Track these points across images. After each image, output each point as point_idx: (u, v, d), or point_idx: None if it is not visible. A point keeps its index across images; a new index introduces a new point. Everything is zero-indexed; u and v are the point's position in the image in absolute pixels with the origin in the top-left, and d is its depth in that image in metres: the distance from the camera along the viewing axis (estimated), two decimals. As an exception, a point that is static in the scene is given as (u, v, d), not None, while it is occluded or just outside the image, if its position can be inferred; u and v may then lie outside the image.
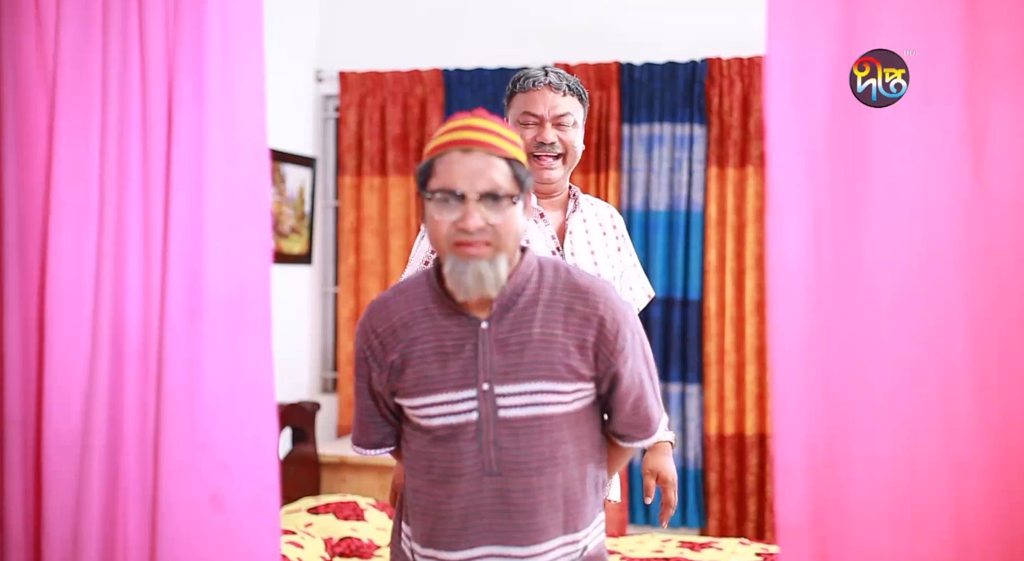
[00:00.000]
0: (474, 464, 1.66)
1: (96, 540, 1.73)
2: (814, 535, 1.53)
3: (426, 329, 1.69)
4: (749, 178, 4.11)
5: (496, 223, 1.61)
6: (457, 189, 1.60)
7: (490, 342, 1.66)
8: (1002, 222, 1.49)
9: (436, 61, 4.40)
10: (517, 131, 2.13)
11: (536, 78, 2.13)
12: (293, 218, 4.37)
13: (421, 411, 1.68)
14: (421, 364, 1.68)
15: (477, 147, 1.61)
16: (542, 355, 1.66)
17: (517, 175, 1.64)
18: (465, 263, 1.61)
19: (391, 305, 1.73)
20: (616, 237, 2.26)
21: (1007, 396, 1.49)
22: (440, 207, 1.61)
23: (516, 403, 1.66)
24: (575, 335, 1.67)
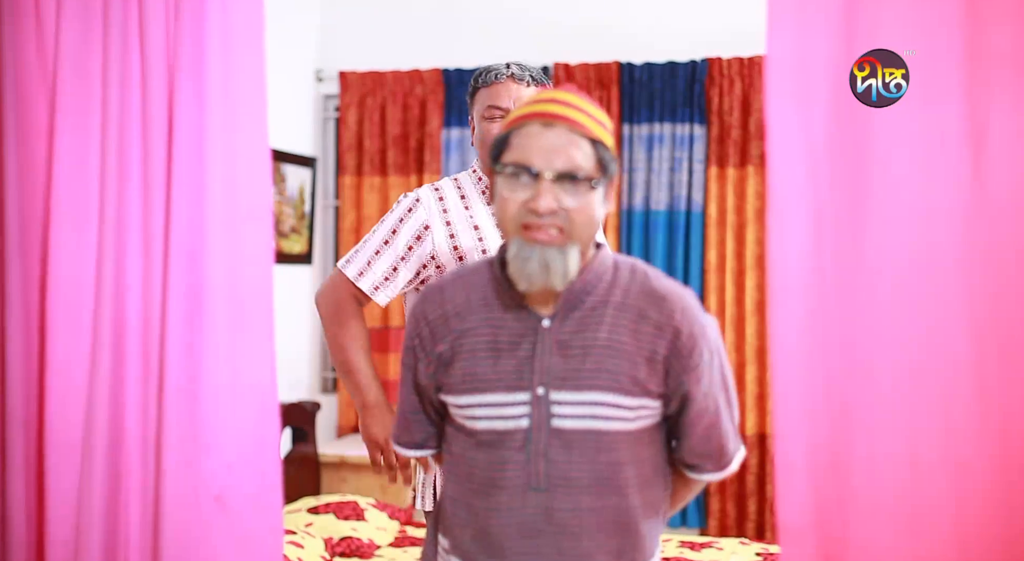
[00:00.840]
0: (519, 476, 1.50)
1: (98, 540, 1.73)
2: (815, 535, 1.53)
3: (481, 320, 1.53)
4: (749, 178, 4.11)
5: (571, 207, 1.44)
6: (532, 165, 1.43)
7: (550, 342, 1.50)
8: (1002, 221, 1.49)
9: (436, 61, 4.40)
10: (483, 127, 2.10)
11: (498, 71, 2.09)
12: (293, 218, 4.37)
13: (467, 411, 1.53)
14: (471, 358, 1.52)
15: (560, 122, 1.45)
16: (606, 363, 1.49)
17: (601, 159, 1.46)
18: (532, 248, 1.44)
19: (447, 291, 1.57)
20: None
21: (1007, 395, 1.49)
22: (511, 183, 1.45)
23: (572, 413, 1.49)
24: (646, 345, 1.49)
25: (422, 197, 2.11)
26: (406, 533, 3.64)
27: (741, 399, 4.13)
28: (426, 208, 2.10)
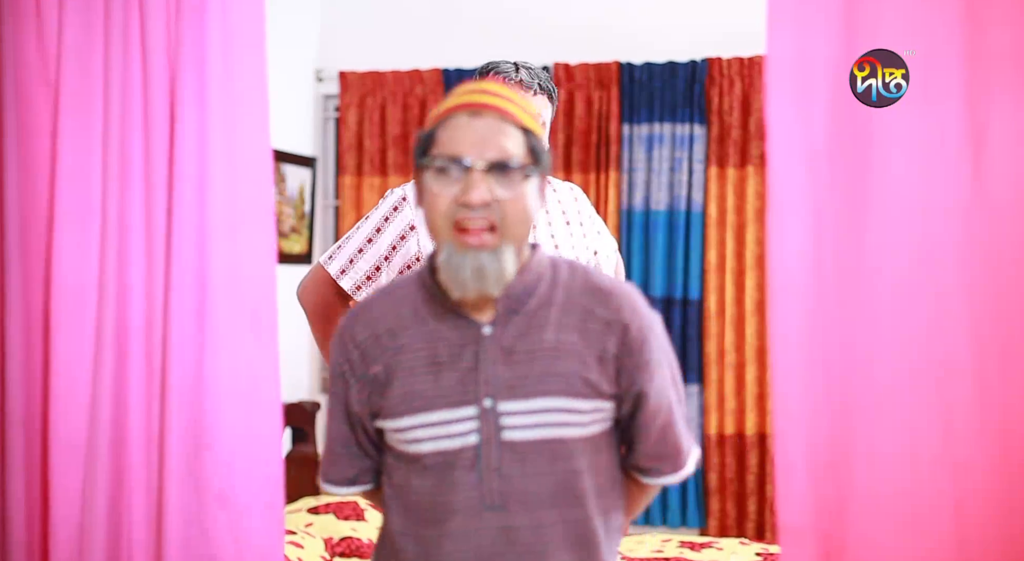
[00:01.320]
0: (472, 497, 1.40)
1: (102, 539, 1.73)
2: (815, 534, 1.53)
3: (417, 335, 1.44)
4: (749, 178, 4.11)
5: (505, 199, 1.36)
6: (462, 156, 1.36)
7: (494, 350, 1.41)
8: (1002, 221, 1.49)
9: (436, 61, 4.40)
10: None
11: (507, 74, 2.02)
12: (293, 218, 4.37)
13: (408, 434, 1.42)
14: (410, 377, 1.42)
15: (488, 111, 1.38)
16: (555, 366, 1.41)
17: (532, 148, 1.40)
18: (463, 254, 1.36)
19: (376, 308, 1.48)
20: (580, 222, 2.18)
21: (1007, 395, 1.49)
22: (439, 179, 1.37)
23: (524, 423, 1.40)
24: (595, 344, 1.42)
25: (408, 195, 2.07)
26: (406, 533, 3.64)
27: (741, 399, 4.13)
28: (412, 207, 2.06)
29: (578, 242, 2.15)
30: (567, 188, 2.22)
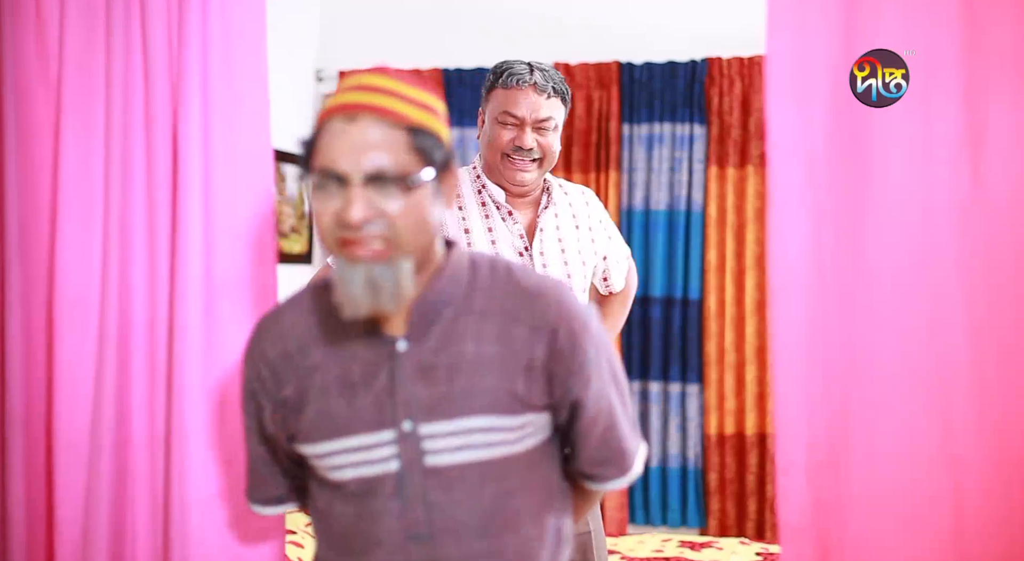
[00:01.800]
0: (396, 527, 1.29)
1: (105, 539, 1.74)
2: (815, 533, 1.54)
3: (328, 353, 1.31)
4: (749, 178, 4.11)
5: (392, 213, 1.21)
6: (337, 170, 1.21)
7: (410, 367, 1.29)
8: (1000, 221, 1.49)
9: (436, 61, 4.40)
10: (493, 130, 2.03)
11: (521, 76, 2.01)
12: (293, 218, 4.37)
13: (327, 460, 1.32)
14: (323, 399, 1.31)
15: (363, 113, 1.23)
16: (478, 381, 1.28)
17: (422, 148, 1.24)
18: (353, 267, 1.22)
19: (285, 322, 1.36)
20: (589, 227, 2.16)
21: (1005, 394, 1.49)
22: (319, 194, 1.23)
23: (448, 446, 1.29)
24: (521, 352, 1.29)
25: None
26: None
27: (741, 399, 4.13)
28: None
29: (585, 246, 2.13)
30: (579, 192, 2.20)
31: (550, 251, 2.06)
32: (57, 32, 1.79)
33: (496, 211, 2.05)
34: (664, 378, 4.17)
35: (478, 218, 2.05)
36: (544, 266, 2.03)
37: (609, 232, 2.22)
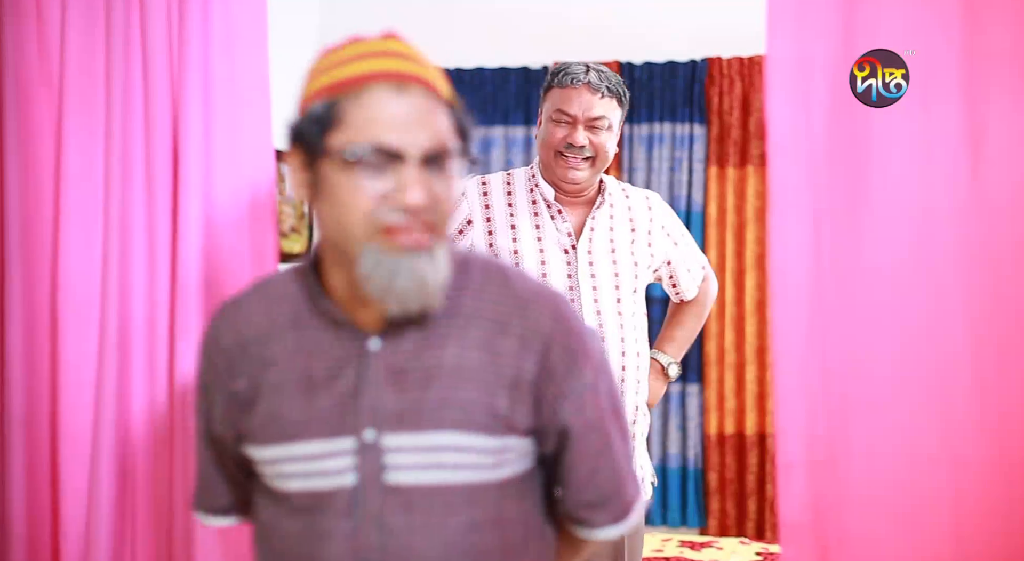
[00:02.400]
0: (344, 550, 1.12)
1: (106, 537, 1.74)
2: (816, 532, 1.54)
3: (290, 345, 1.16)
4: (749, 178, 4.11)
5: (441, 197, 1.10)
6: (394, 146, 1.07)
7: (380, 370, 1.13)
8: (1000, 220, 1.50)
9: (436, 60, 4.38)
10: (548, 128, 2.04)
11: (575, 75, 2.03)
12: (293, 217, 4.38)
13: (275, 467, 1.16)
14: (278, 396, 1.15)
15: (413, 83, 1.10)
16: (456, 393, 1.13)
17: (460, 127, 1.14)
18: (398, 259, 1.07)
19: (245, 308, 1.21)
20: (649, 230, 2.14)
21: (1004, 392, 1.50)
22: (359, 172, 1.07)
23: (414, 462, 1.12)
24: (507, 365, 1.14)
25: (467, 190, 2.07)
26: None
27: (741, 399, 4.13)
28: (469, 202, 2.06)
29: (641, 249, 2.12)
30: (643, 196, 2.19)
31: (598, 250, 2.06)
32: (58, 32, 1.79)
33: (546, 209, 2.06)
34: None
35: (527, 215, 2.06)
36: (590, 264, 2.04)
37: (675, 238, 2.20)
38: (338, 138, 1.08)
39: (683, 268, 2.21)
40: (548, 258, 2.02)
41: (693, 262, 2.24)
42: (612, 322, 2.02)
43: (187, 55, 1.71)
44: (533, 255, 2.02)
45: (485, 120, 4.33)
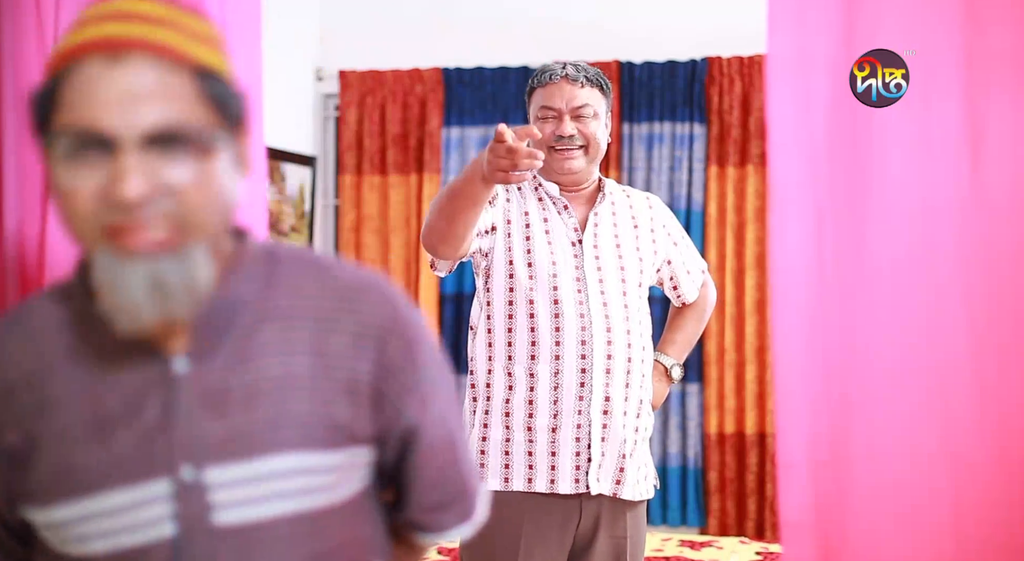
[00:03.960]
0: None
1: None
2: (816, 531, 1.54)
3: (71, 383, 0.96)
4: (749, 177, 4.11)
5: (180, 185, 0.89)
6: (100, 128, 0.87)
7: (192, 394, 0.95)
8: (1001, 220, 1.49)
9: (436, 60, 4.40)
10: (537, 126, 2.04)
11: (553, 71, 2.09)
12: (293, 217, 4.38)
13: (68, 530, 0.96)
14: (63, 446, 0.95)
15: (133, 50, 0.88)
16: (287, 407, 0.97)
17: (215, 97, 0.92)
18: (129, 265, 0.89)
19: (6, 347, 0.99)
20: (651, 229, 2.17)
21: (1005, 391, 1.50)
22: (71, 164, 0.89)
23: (245, 497, 0.96)
24: (342, 367, 0.99)
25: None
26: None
27: (741, 398, 4.13)
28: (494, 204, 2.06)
29: (645, 245, 2.14)
30: (643, 196, 2.23)
31: (604, 244, 2.09)
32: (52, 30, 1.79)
33: (552, 205, 2.10)
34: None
35: (536, 211, 2.09)
36: (596, 257, 2.06)
37: (675, 238, 2.23)
38: (53, 122, 0.90)
39: (683, 269, 2.23)
40: (556, 251, 2.05)
41: (693, 265, 2.25)
42: (618, 315, 2.03)
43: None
44: (543, 249, 2.04)
45: (485, 119, 4.33)
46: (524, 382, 2.00)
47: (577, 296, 2.01)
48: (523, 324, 2.01)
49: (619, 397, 2.01)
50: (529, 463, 2.00)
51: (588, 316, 2.00)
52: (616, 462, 2.02)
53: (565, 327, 1.99)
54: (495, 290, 2.03)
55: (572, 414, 1.99)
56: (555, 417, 1.99)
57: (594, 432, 1.99)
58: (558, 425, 1.99)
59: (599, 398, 1.99)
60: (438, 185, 4.37)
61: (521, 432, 2.00)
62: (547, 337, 1.99)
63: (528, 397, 2.00)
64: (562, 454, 1.99)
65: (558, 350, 1.99)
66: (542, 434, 1.99)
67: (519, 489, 2.00)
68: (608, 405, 2.00)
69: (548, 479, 1.99)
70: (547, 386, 1.99)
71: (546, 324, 1.99)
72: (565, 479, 1.99)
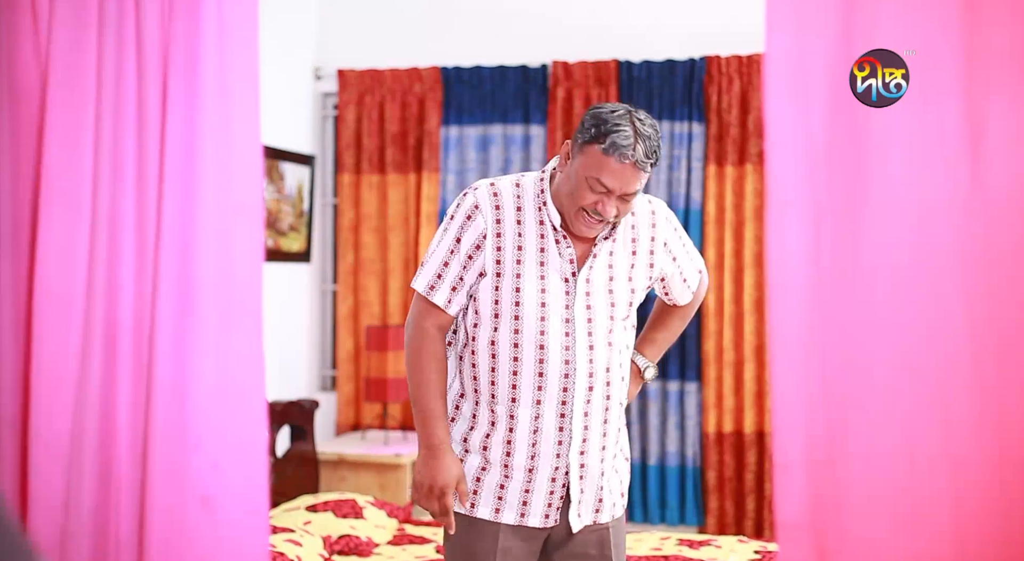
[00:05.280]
0: None
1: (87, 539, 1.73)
2: (813, 531, 1.54)
3: None
4: (748, 176, 4.11)
5: None
6: None
7: None
8: (999, 219, 1.49)
9: (435, 59, 4.39)
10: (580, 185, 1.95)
11: (624, 151, 1.90)
12: (292, 216, 4.37)
13: None
14: None
15: None
16: None
17: None
18: None
19: None
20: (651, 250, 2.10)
21: (1004, 391, 1.49)
22: None
23: None
24: None
25: (480, 202, 2.01)
26: (404, 531, 3.64)
27: (739, 397, 4.13)
28: (484, 216, 2.01)
29: (639, 273, 2.08)
30: (647, 211, 2.11)
31: (596, 280, 2.03)
32: (46, 28, 1.78)
33: (551, 232, 2.02)
34: (663, 376, 4.17)
35: (534, 236, 2.02)
36: (587, 294, 2.01)
37: (675, 253, 2.15)
38: None
39: (678, 280, 2.19)
40: (548, 286, 2.00)
41: (691, 272, 2.20)
42: (602, 353, 2.01)
43: (179, 52, 1.70)
44: (534, 281, 1.99)
45: (484, 118, 4.32)
46: (504, 422, 1.99)
47: (564, 340, 1.98)
48: (506, 367, 1.98)
49: (596, 437, 2.01)
50: (499, 495, 2.00)
51: (573, 362, 1.97)
52: (595, 495, 2.03)
53: (549, 373, 1.97)
54: (481, 328, 2.00)
55: (551, 457, 1.98)
56: (532, 459, 1.99)
57: (572, 473, 1.99)
58: (535, 467, 1.99)
59: (578, 441, 1.99)
60: (437, 184, 4.37)
61: (498, 467, 2.00)
62: (529, 381, 1.97)
63: (507, 437, 1.99)
64: (536, 492, 2.00)
65: (540, 395, 1.97)
66: (519, 472, 1.99)
67: (485, 518, 2.00)
68: (585, 446, 2.00)
69: (518, 513, 2.00)
70: (527, 429, 1.98)
71: (530, 369, 1.97)
72: (535, 515, 2.00)
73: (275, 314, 3.98)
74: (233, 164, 1.71)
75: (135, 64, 1.74)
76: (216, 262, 1.70)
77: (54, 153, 1.77)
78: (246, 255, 1.72)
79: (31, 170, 1.81)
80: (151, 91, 1.72)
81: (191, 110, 1.70)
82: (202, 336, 1.70)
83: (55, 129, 1.77)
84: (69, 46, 1.77)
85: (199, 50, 1.70)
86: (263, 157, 1.73)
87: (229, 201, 1.71)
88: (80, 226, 1.76)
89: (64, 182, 1.77)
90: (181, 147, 1.70)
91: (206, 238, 1.70)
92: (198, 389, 1.70)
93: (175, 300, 1.69)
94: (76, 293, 1.76)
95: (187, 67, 1.70)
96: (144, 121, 1.73)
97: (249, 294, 1.72)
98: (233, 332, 1.71)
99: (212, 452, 1.70)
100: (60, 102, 1.77)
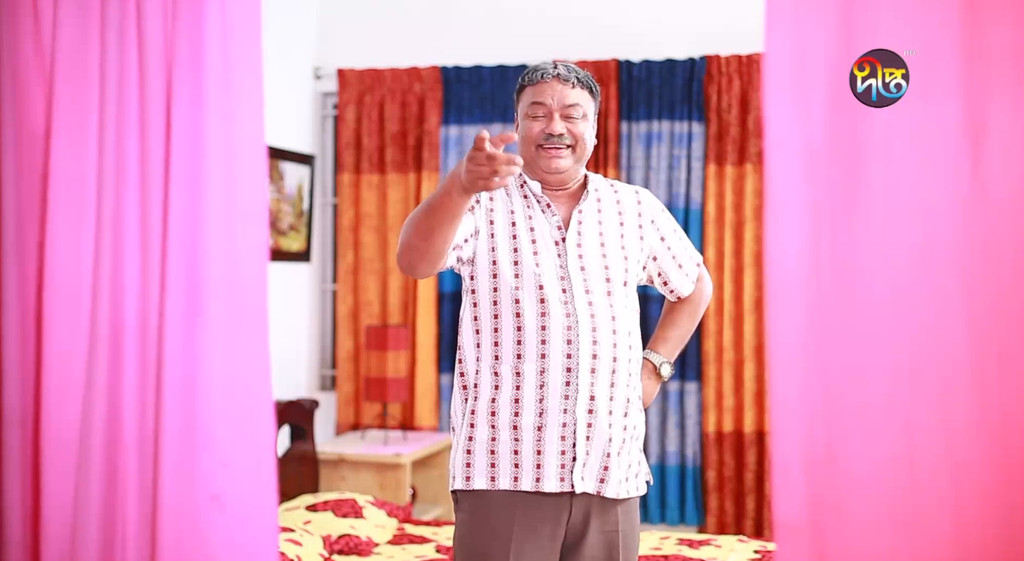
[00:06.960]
0: None
1: (95, 538, 1.73)
2: (812, 533, 1.53)
3: None
4: (747, 175, 4.11)
5: None
6: None
7: None
8: (1001, 219, 1.49)
9: (435, 58, 4.39)
10: (525, 124, 2.09)
11: (545, 70, 2.11)
12: (292, 215, 4.37)
13: None
14: None
15: None
16: None
17: None
18: None
19: None
20: (639, 225, 2.17)
21: (1006, 393, 1.49)
22: None
23: None
24: None
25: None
26: (404, 530, 3.64)
27: (739, 397, 4.13)
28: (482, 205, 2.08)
29: (631, 242, 2.14)
30: (631, 191, 2.22)
31: (588, 243, 2.09)
32: (51, 27, 1.79)
33: (536, 203, 2.11)
34: (662, 376, 4.17)
35: (521, 209, 2.10)
36: (579, 256, 2.07)
37: (663, 232, 2.21)
38: None
39: (672, 264, 2.21)
40: (540, 250, 2.06)
41: (685, 258, 2.24)
42: (604, 314, 2.04)
43: (182, 53, 1.70)
44: (528, 248, 2.05)
45: (483, 118, 4.33)
46: (510, 381, 2.01)
47: (562, 296, 2.01)
48: (509, 324, 2.02)
49: (604, 396, 2.01)
50: (515, 462, 2.00)
51: (574, 315, 2.00)
52: (600, 461, 2.02)
53: (551, 326, 1.99)
54: (480, 291, 2.04)
55: (558, 413, 1.99)
56: (541, 416, 1.99)
57: (579, 431, 2.00)
58: (544, 424, 1.99)
59: (584, 397, 2.00)
60: (437, 183, 4.37)
61: (507, 431, 2.00)
62: (533, 336, 2.00)
63: (514, 396, 2.01)
64: (547, 452, 1.99)
65: (544, 349, 2.00)
66: (528, 433, 2.00)
67: (505, 488, 2.00)
68: (593, 404, 2.00)
69: (534, 478, 2.00)
70: (533, 385, 1.99)
71: (532, 323, 2.00)
72: (550, 478, 2.00)
73: (275, 314, 3.98)
74: (238, 162, 1.71)
75: (137, 63, 1.73)
76: (223, 261, 1.70)
77: (59, 153, 1.77)
78: (252, 254, 1.72)
79: (36, 170, 1.81)
80: (155, 90, 1.72)
81: (196, 108, 1.70)
82: (211, 336, 1.70)
83: (60, 129, 1.77)
84: (72, 46, 1.77)
85: (203, 48, 1.70)
86: (267, 157, 1.73)
87: (235, 199, 1.71)
88: (85, 225, 1.76)
89: (69, 181, 1.77)
90: (187, 146, 1.70)
91: (213, 237, 1.70)
92: (207, 389, 1.70)
93: (184, 299, 1.69)
94: (82, 292, 1.76)
95: (191, 65, 1.70)
96: (147, 120, 1.72)
97: (255, 293, 1.72)
98: (241, 331, 1.71)
99: (222, 451, 1.70)
100: (64, 102, 1.77)
